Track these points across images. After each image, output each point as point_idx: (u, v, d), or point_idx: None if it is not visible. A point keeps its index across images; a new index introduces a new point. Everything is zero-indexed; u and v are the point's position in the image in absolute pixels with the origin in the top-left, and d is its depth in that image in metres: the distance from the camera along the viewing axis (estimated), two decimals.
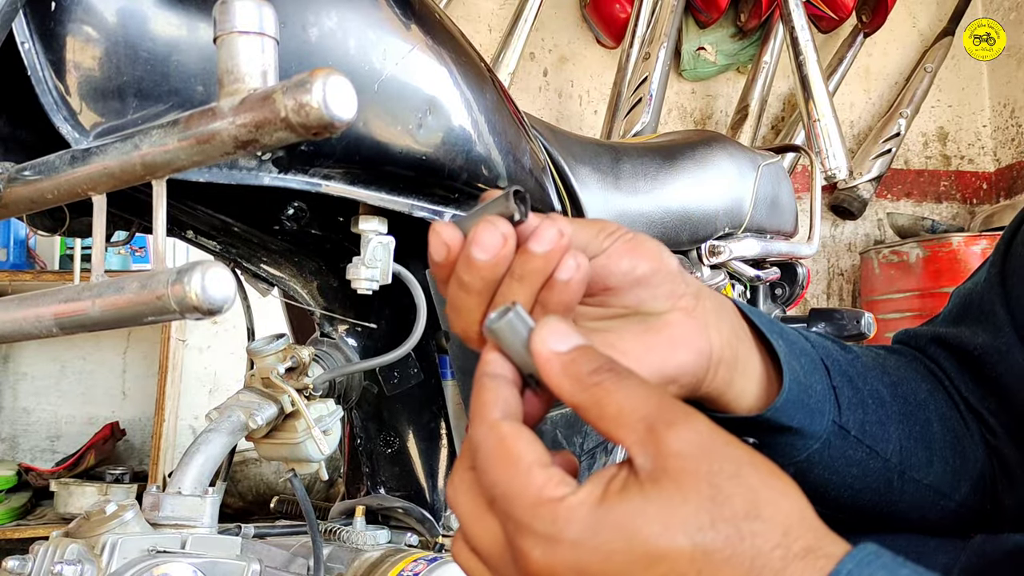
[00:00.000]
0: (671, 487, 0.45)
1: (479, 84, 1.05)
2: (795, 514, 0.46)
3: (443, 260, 0.58)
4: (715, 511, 0.45)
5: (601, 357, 0.51)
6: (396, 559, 1.08)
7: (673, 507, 0.45)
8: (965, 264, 3.70)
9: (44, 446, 3.53)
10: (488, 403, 0.52)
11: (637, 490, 0.46)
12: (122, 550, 0.92)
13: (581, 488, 0.47)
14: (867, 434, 0.76)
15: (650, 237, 0.65)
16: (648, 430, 0.47)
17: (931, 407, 0.82)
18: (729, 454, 0.47)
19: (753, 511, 0.45)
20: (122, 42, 0.75)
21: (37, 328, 0.68)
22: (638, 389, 0.49)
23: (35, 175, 0.71)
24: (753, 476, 0.46)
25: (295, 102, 0.53)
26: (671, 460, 0.46)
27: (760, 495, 0.46)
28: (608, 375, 0.50)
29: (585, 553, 0.46)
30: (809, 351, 0.75)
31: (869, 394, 0.77)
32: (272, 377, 1.10)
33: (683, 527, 0.45)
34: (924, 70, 4.39)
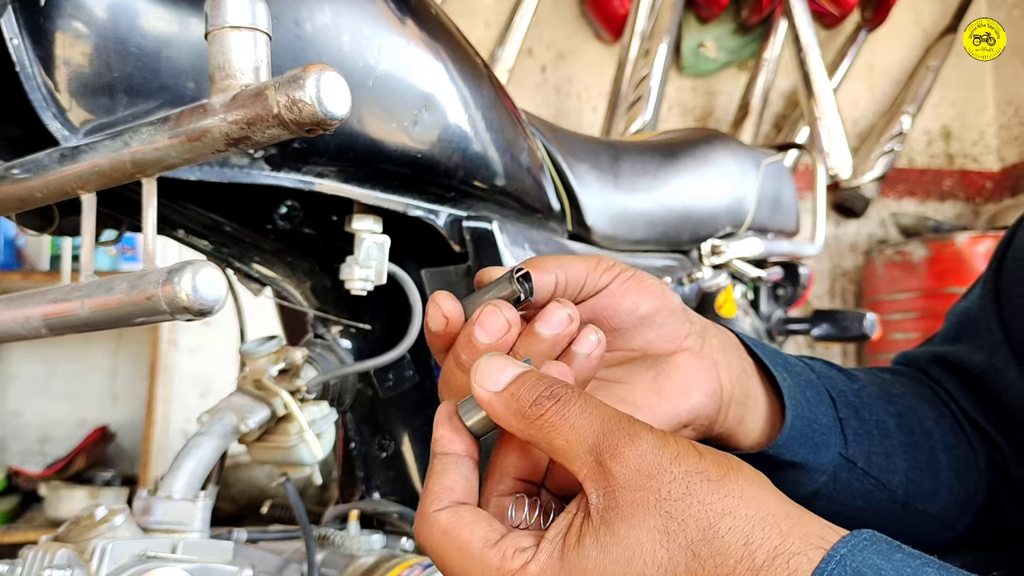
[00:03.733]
0: (623, 528, 0.45)
1: (476, 81, 1.04)
2: (755, 518, 0.45)
3: (440, 331, 0.57)
4: (670, 543, 0.44)
5: (541, 383, 0.50)
6: (391, 565, 1.07)
7: (629, 549, 0.45)
8: (969, 264, 3.70)
9: (33, 449, 3.52)
10: (431, 494, 0.52)
11: (592, 540, 0.46)
12: (112, 555, 0.91)
13: (540, 551, 0.47)
14: (873, 465, 0.75)
15: (650, 275, 0.65)
16: (596, 462, 0.47)
17: (936, 436, 0.82)
18: (677, 472, 0.46)
19: (709, 531, 0.44)
20: (112, 38, 0.74)
21: (26, 329, 0.68)
22: (581, 417, 0.48)
23: (23, 173, 0.70)
24: (704, 489, 0.45)
25: (288, 98, 0.52)
26: (620, 494, 0.46)
27: (714, 509, 0.45)
28: (550, 405, 0.48)
29: None
30: (815, 382, 0.74)
31: (875, 425, 0.77)
32: (264, 379, 1.09)
33: (643, 570, 0.44)
34: (927, 67, 4.38)
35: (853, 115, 4.44)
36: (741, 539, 0.44)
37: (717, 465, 0.47)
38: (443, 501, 0.51)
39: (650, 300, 0.63)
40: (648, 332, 0.64)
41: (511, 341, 0.55)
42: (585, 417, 0.48)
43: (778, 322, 2.00)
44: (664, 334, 0.64)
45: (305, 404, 1.12)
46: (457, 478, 0.52)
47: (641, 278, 0.63)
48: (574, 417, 0.48)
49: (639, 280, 0.63)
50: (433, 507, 0.51)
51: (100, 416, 3.54)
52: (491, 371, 0.51)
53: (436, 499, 0.51)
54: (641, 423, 0.48)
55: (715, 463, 0.47)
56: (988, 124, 4.68)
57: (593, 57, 4.26)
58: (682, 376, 0.64)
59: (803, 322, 2.05)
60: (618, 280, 0.62)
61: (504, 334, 0.55)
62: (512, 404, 0.50)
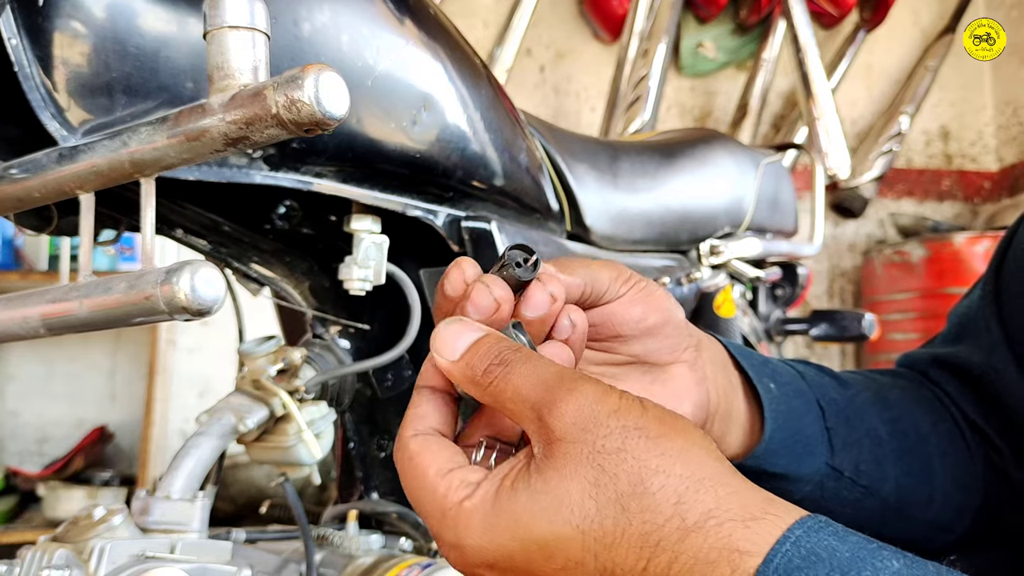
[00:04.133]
0: (555, 478, 0.46)
1: (474, 81, 1.04)
2: (691, 479, 0.45)
3: (455, 295, 0.58)
4: (599, 495, 0.45)
5: (493, 350, 0.51)
6: (389, 565, 1.07)
7: (558, 498, 0.46)
8: (968, 264, 3.70)
9: (32, 449, 3.51)
10: (406, 420, 0.54)
11: (525, 485, 0.47)
12: (111, 555, 0.91)
13: (479, 488, 0.49)
14: (862, 474, 0.76)
15: (659, 286, 0.66)
16: (538, 418, 0.48)
17: (932, 441, 0.82)
18: (613, 427, 0.46)
19: (640, 486, 0.45)
20: (110, 38, 0.74)
21: (24, 329, 0.68)
22: (526, 378, 0.49)
23: (22, 173, 0.70)
24: (640, 445, 0.46)
25: (287, 98, 0.52)
26: (556, 446, 0.47)
27: (648, 465, 0.45)
28: (499, 369, 0.50)
29: (489, 554, 0.48)
30: (804, 391, 0.75)
31: (866, 433, 0.77)
32: (263, 379, 1.09)
33: (569, 518, 0.45)
34: (926, 68, 4.38)
35: (851, 115, 4.44)
36: (672, 497, 0.44)
37: (659, 422, 0.47)
38: (415, 428, 0.53)
39: (657, 313, 0.65)
40: (650, 342, 0.65)
41: (503, 318, 0.56)
42: (529, 378, 0.49)
43: (776, 322, 2.00)
44: (665, 346, 0.66)
45: (304, 404, 1.12)
46: (431, 408, 0.55)
47: (652, 291, 0.65)
48: (519, 379, 0.49)
49: (650, 293, 0.65)
50: (406, 432, 0.53)
51: (98, 416, 3.53)
52: (448, 339, 0.53)
53: (409, 425, 0.54)
54: (588, 380, 0.49)
55: (657, 420, 0.47)
56: (986, 124, 4.68)
57: (592, 57, 4.25)
58: (675, 386, 0.66)
59: (801, 322, 2.05)
60: (632, 291, 0.64)
61: (493, 312, 0.55)
62: (467, 372, 0.52)
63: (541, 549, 0.46)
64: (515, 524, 0.47)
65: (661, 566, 0.44)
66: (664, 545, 0.44)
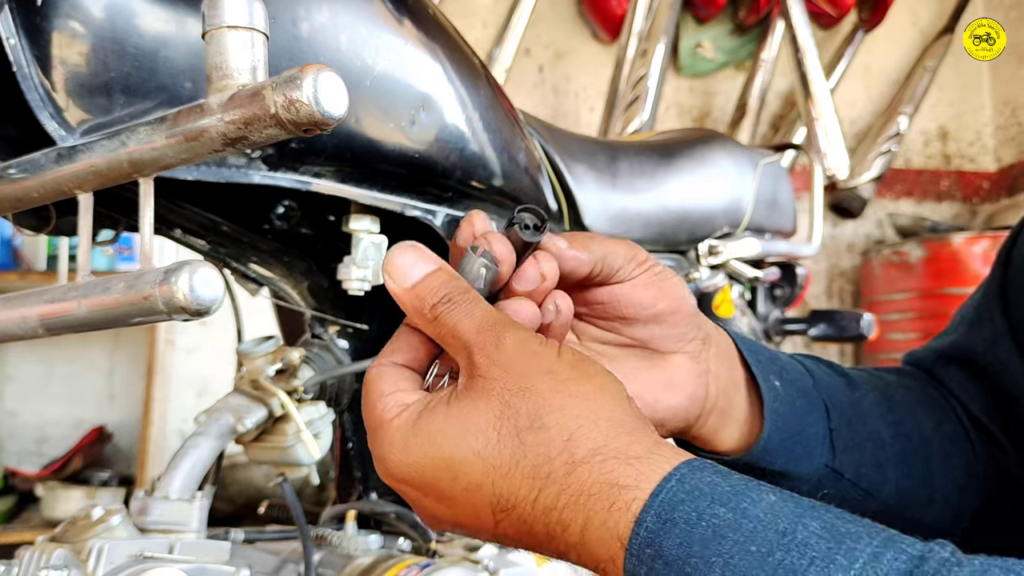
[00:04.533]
0: (468, 406, 0.51)
1: (473, 81, 1.04)
2: (585, 419, 0.49)
3: (463, 246, 0.60)
4: (501, 427, 0.49)
5: (443, 288, 0.55)
6: (388, 565, 1.07)
7: (466, 425, 0.50)
8: (966, 264, 3.70)
9: (30, 449, 3.51)
10: (381, 351, 0.58)
11: (442, 410, 0.52)
12: (109, 555, 0.91)
13: (406, 410, 0.53)
14: (863, 477, 0.76)
15: (674, 274, 0.66)
16: (468, 355, 0.52)
17: (935, 444, 0.82)
18: (527, 368, 0.51)
19: (537, 421, 0.49)
20: (109, 38, 0.74)
21: (22, 329, 0.68)
22: (465, 319, 0.53)
23: (20, 173, 0.70)
24: (546, 386, 0.50)
25: (285, 98, 0.52)
26: (475, 380, 0.51)
27: (548, 403, 0.49)
28: (444, 307, 0.54)
29: (404, 468, 0.52)
30: (809, 391, 0.75)
31: (869, 436, 0.77)
32: (261, 379, 1.09)
33: (472, 444, 0.50)
34: (924, 68, 4.38)
35: (850, 116, 4.44)
36: (564, 434, 0.48)
37: (570, 367, 0.51)
38: (381, 359, 0.57)
39: (667, 300, 0.65)
40: (655, 329, 0.65)
41: (501, 279, 0.58)
42: (467, 319, 0.53)
43: (775, 322, 2.00)
44: (670, 334, 0.66)
45: (302, 404, 1.11)
46: (403, 343, 0.58)
47: (665, 277, 0.65)
48: (459, 319, 0.53)
49: (663, 279, 0.65)
50: (376, 361, 0.58)
51: (97, 416, 3.53)
52: (402, 266, 0.56)
53: (381, 356, 0.58)
54: (515, 328, 0.53)
55: (569, 365, 0.51)
56: (985, 124, 4.69)
57: (591, 57, 4.25)
58: (672, 376, 0.66)
59: (800, 322, 2.05)
60: (646, 275, 0.64)
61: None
62: (416, 304, 0.55)
63: (448, 468, 0.51)
64: (427, 443, 0.51)
65: (550, 497, 0.48)
66: (554, 478, 0.48)
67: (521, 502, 0.49)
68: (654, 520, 0.45)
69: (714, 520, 0.44)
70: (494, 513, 0.50)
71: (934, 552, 0.42)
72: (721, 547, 0.43)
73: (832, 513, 0.45)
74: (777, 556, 0.42)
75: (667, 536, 0.44)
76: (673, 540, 0.44)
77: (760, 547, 0.43)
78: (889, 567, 0.41)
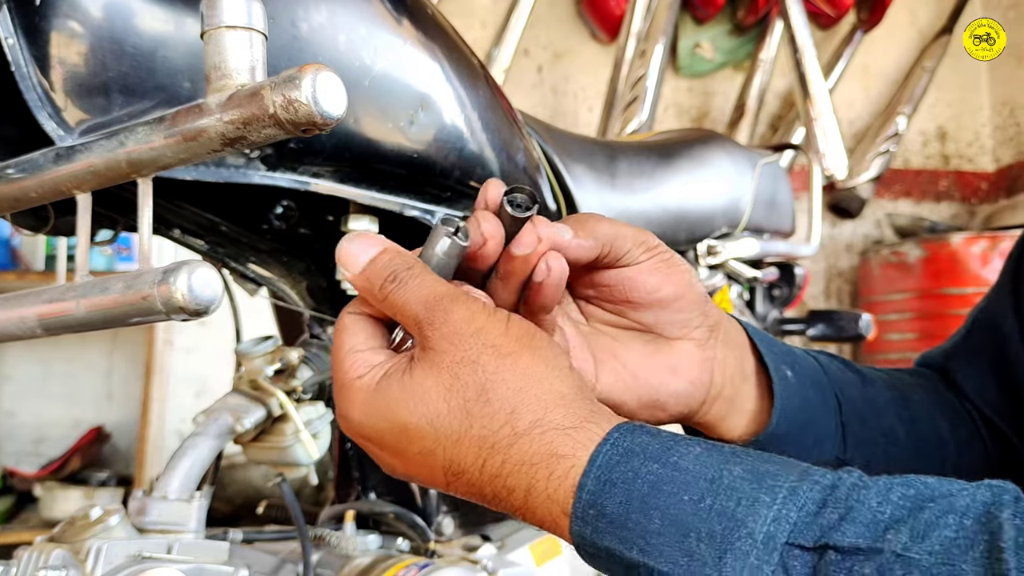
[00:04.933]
0: (420, 377, 0.54)
1: (472, 81, 1.04)
2: (528, 392, 0.52)
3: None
4: (451, 398, 0.53)
5: (388, 267, 0.57)
6: (387, 565, 1.07)
7: (418, 394, 0.54)
8: (965, 264, 3.70)
9: (28, 449, 3.50)
10: (354, 299, 0.61)
11: (399, 378, 0.55)
12: (107, 555, 0.91)
13: (369, 372, 0.56)
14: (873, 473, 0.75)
15: (683, 260, 0.67)
16: (418, 330, 0.55)
17: (951, 446, 0.82)
18: (474, 343, 0.54)
19: (483, 395, 0.52)
20: (108, 38, 0.73)
21: (20, 329, 0.68)
22: (414, 294, 0.55)
23: (18, 173, 0.70)
24: (491, 361, 0.53)
25: (284, 98, 0.52)
26: (427, 352, 0.54)
27: (495, 377, 0.53)
28: (391, 286, 0.56)
29: (365, 428, 0.56)
30: (823, 384, 0.75)
31: (882, 433, 0.77)
32: (260, 379, 1.09)
33: (425, 413, 0.53)
34: (923, 68, 4.39)
35: (849, 116, 4.44)
36: (507, 407, 0.52)
37: (515, 341, 0.54)
38: (354, 307, 0.60)
39: (674, 286, 0.65)
40: (661, 314, 0.66)
41: (489, 254, 0.60)
42: (415, 294, 0.55)
43: (774, 322, 2.00)
44: (675, 320, 0.66)
45: (301, 404, 1.11)
46: None
47: (674, 263, 0.66)
48: (407, 295, 0.56)
49: (670, 264, 0.66)
50: (346, 309, 0.60)
51: (95, 416, 3.53)
52: (352, 253, 0.58)
53: (352, 304, 0.61)
54: (461, 302, 0.55)
55: (514, 339, 0.54)
56: (983, 125, 4.69)
57: (589, 57, 4.25)
58: (676, 361, 0.67)
59: (799, 322, 2.05)
60: (654, 260, 0.65)
61: (480, 246, 0.60)
62: (366, 286, 0.57)
63: (403, 432, 0.54)
64: (385, 408, 0.55)
65: (495, 465, 0.52)
66: (498, 448, 0.52)
67: (469, 468, 0.53)
68: (594, 483, 0.49)
69: (649, 476, 0.48)
70: (446, 475, 0.55)
71: (843, 479, 0.47)
72: (658, 499, 0.48)
73: (753, 456, 0.49)
74: (708, 501, 0.47)
75: (608, 496, 0.49)
76: (614, 499, 0.48)
77: (692, 495, 0.47)
78: (806, 497, 0.46)
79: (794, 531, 0.45)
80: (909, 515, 0.44)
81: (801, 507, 0.45)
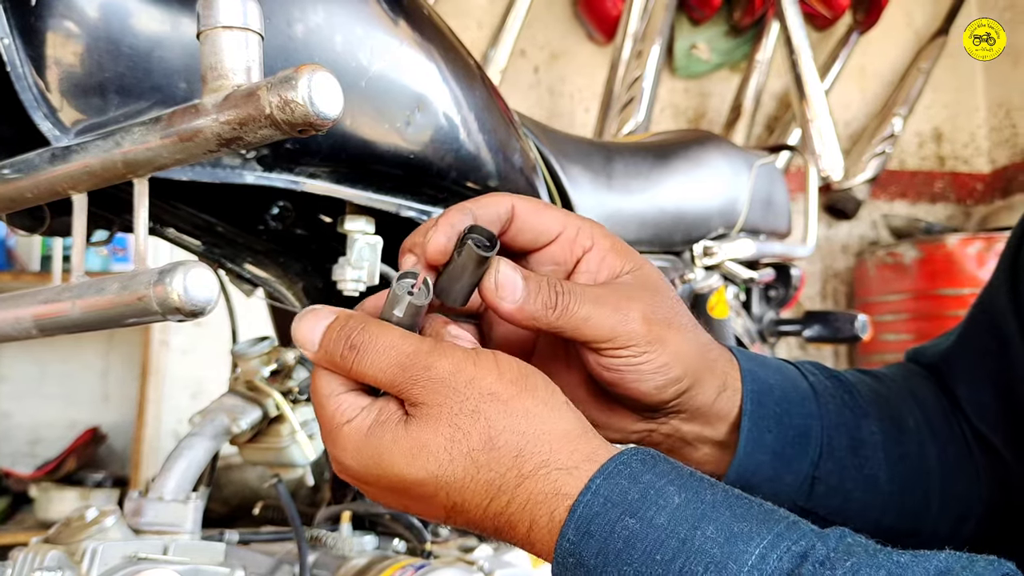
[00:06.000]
0: (415, 430, 0.54)
1: (468, 81, 1.04)
2: (531, 434, 0.53)
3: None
4: (453, 449, 0.53)
5: (342, 336, 0.56)
6: (383, 566, 1.07)
7: (417, 447, 0.54)
8: (960, 265, 3.71)
9: (24, 450, 3.49)
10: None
11: (391, 428, 0.55)
12: (103, 556, 0.91)
13: (356, 417, 0.56)
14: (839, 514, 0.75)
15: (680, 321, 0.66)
16: (400, 391, 0.55)
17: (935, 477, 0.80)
18: (469, 394, 0.54)
19: (489, 443, 0.53)
20: (104, 38, 0.73)
21: (16, 330, 0.68)
22: (380, 359, 0.55)
23: (14, 173, 0.70)
24: (492, 409, 0.54)
25: (280, 99, 0.52)
26: (419, 407, 0.54)
27: (496, 425, 0.53)
28: (352, 355, 0.56)
29: (360, 472, 0.56)
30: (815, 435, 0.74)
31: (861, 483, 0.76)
32: (256, 380, 1.09)
33: (425, 465, 0.54)
34: (919, 70, 4.39)
35: (845, 117, 4.45)
36: (513, 451, 0.53)
37: (512, 385, 0.55)
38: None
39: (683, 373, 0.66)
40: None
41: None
42: (383, 359, 0.55)
43: (770, 323, 2.00)
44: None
45: (297, 405, 1.11)
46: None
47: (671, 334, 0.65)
48: (374, 361, 0.55)
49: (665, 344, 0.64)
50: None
51: (91, 417, 3.52)
52: (305, 331, 0.58)
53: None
54: (442, 355, 0.55)
55: (511, 383, 0.55)
56: (979, 126, 4.69)
57: (586, 58, 4.25)
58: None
59: (795, 323, 2.05)
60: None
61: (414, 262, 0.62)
62: (327, 359, 0.57)
63: (400, 482, 0.55)
64: (378, 457, 0.55)
65: (500, 505, 0.53)
66: (504, 489, 0.53)
67: (473, 508, 0.54)
68: (574, 533, 0.51)
69: (624, 532, 0.50)
70: (447, 512, 0.56)
71: (816, 550, 0.47)
72: (631, 556, 0.49)
73: (731, 510, 0.50)
74: (679, 563, 0.48)
75: (586, 547, 0.50)
76: (591, 550, 0.50)
77: (664, 555, 0.49)
78: (774, 567, 0.46)
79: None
80: None
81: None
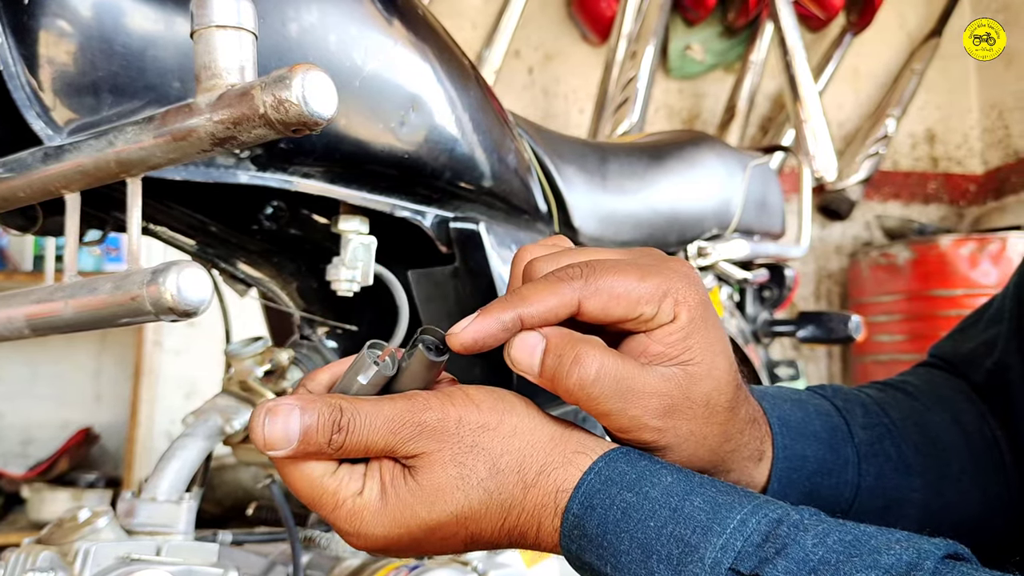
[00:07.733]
0: (426, 478, 0.57)
1: (463, 81, 1.04)
2: (526, 447, 0.58)
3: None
4: (464, 484, 0.57)
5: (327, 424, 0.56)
6: (377, 567, 1.07)
7: (431, 493, 0.57)
8: (953, 266, 3.71)
9: (16, 451, 3.48)
10: None
11: (403, 483, 0.58)
12: (96, 557, 0.90)
13: (365, 486, 0.58)
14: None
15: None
16: (395, 452, 0.58)
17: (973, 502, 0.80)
18: (462, 434, 0.57)
19: (494, 468, 0.57)
20: (97, 37, 0.73)
21: (8, 330, 0.67)
22: (369, 431, 0.57)
23: (7, 173, 0.69)
24: (487, 439, 0.58)
25: (274, 98, 0.52)
26: (420, 458, 0.57)
27: (494, 451, 0.57)
28: (340, 437, 0.57)
29: (384, 534, 0.58)
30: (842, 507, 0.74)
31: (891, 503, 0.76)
32: (250, 380, 1.09)
33: (444, 507, 0.57)
34: (912, 71, 4.40)
35: (838, 118, 4.46)
36: (515, 467, 0.57)
37: (492, 412, 0.59)
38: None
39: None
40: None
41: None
42: (372, 431, 0.57)
43: (764, 324, 2.01)
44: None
45: None
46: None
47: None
48: (363, 436, 0.57)
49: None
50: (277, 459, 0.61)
51: (84, 418, 3.51)
52: (276, 432, 0.56)
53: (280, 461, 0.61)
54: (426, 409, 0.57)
55: (491, 410, 0.59)
56: (972, 127, 4.71)
57: (580, 59, 4.26)
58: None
59: (788, 324, 2.06)
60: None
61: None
62: (310, 450, 0.57)
63: (424, 529, 0.58)
64: (400, 514, 0.57)
65: (512, 519, 0.58)
66: (514, 504, 0.57)
67: (490, 533, 0.58)
68: (579, 507, 0.56)
69: (622, 504, 0.55)
70: (465, 543, 0.60)
71: (790, 516, 0.52)
72: (628, 524, 0.54)
73: (716, 488, 0.55)
74: (669, 528, 0.53)
75: (588, 519, 0.55)
76: (593, 522, 0.55)
77: (656, 522, 0.54)
78: (753, 529, 0.51)
79: (737, 558, 0.50)
80: (837, 561, 0.48)
81: (747, 537, 0.51)
